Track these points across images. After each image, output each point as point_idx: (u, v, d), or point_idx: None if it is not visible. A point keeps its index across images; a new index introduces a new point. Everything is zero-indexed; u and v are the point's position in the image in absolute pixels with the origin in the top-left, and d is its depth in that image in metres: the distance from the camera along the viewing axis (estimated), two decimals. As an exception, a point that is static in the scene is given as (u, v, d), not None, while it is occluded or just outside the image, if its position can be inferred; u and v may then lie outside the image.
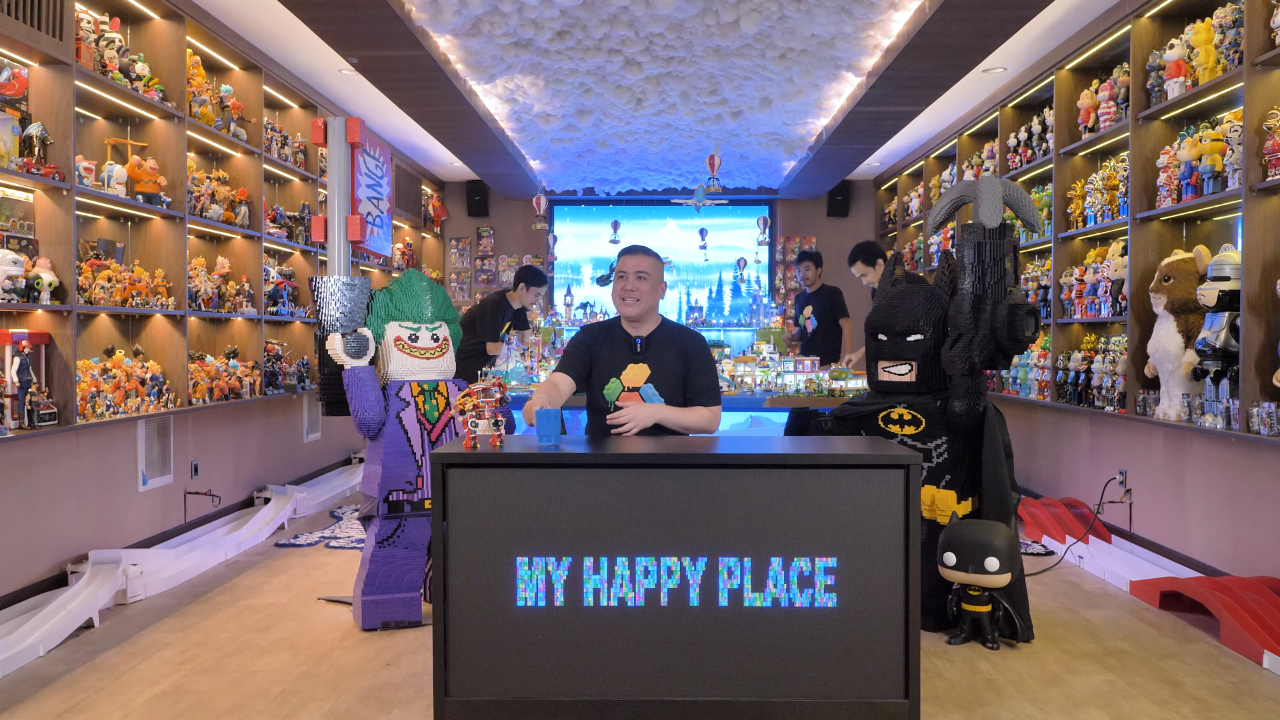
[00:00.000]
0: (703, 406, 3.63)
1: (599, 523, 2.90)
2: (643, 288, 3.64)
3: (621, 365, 3.66)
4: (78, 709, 3.07)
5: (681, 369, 3.65)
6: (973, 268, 3.87)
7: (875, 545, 2.87)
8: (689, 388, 3.66)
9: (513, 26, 5.28)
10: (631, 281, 3.65)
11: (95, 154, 4.83)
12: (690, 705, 2.87)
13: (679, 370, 3.65)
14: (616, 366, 3.65)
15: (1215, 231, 4.86)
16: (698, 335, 3.79)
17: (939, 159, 8.44)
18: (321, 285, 3.87)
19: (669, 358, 3.65)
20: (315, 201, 6.86)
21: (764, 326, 7.62)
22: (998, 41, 5.11)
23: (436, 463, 2.90)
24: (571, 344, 3.77)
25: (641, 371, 3.64)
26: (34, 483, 4.11)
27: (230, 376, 5.51)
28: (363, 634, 3.82)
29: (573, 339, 3.81)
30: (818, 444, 3.38)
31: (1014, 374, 6.38)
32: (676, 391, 3.64)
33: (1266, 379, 3.91)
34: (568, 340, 3.82)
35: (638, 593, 2.88)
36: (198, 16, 5.11)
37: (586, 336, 3.76)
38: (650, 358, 3.66)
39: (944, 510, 3.88)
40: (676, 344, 3.69)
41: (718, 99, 6.72)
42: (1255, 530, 4.13)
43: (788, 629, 2.87)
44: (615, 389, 3.63)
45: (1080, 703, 3.16)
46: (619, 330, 3.73)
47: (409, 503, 3.83)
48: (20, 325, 4.03)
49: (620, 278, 3.67)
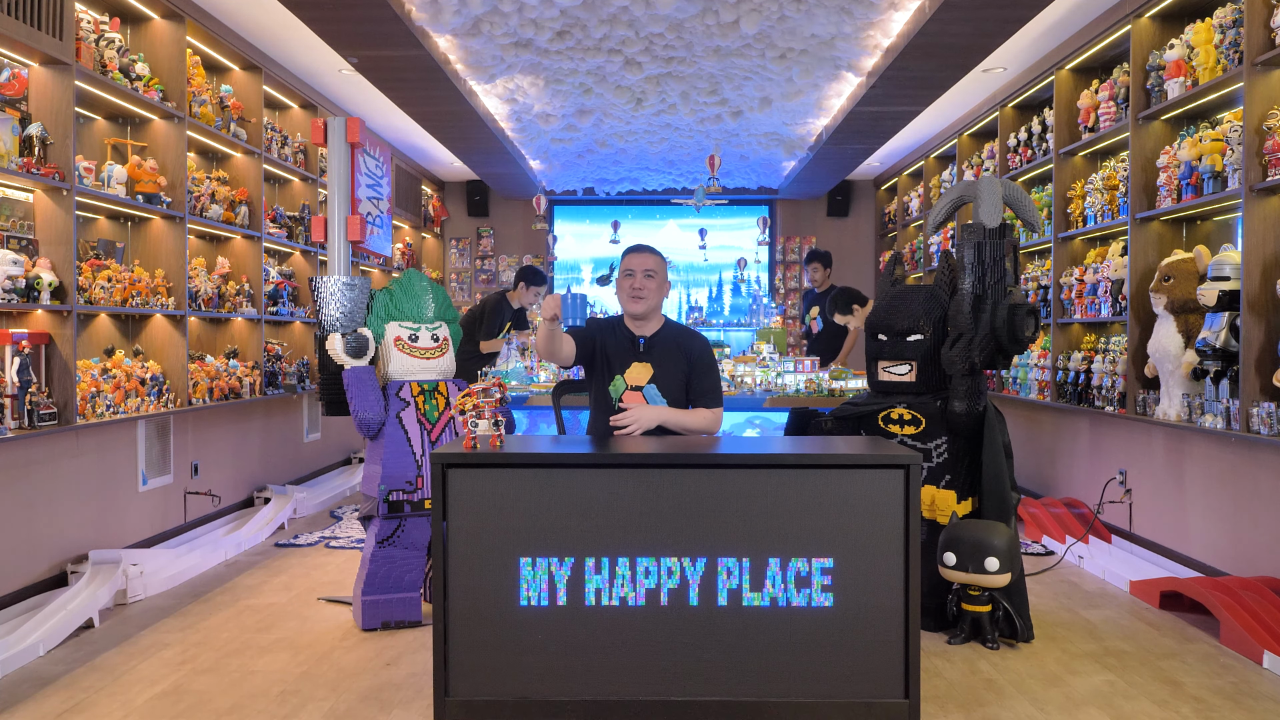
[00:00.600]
0: (705, 408, 3.64)
1: (599, 523, 2.90)
2: (650, 286, 3.65)
3: (625, 362, 3.67)
4: (78, 709, 3.07)
5: (684, 370, 3.66)
6: (973, 268, 3.87)
7: (875, 545, 2.87)
8: (691, 389, 3.67)
9: (513, 26, 5.29)
10: (639, 279, 3.65)
11: (95, 154, 4.83)
12: (690, 705, 2.87)
13: (682, 371, 3.66)
14: (621, 363, 3.67)
15: (1215, 231, 4.86)
16: (701, 336, 3.80)
17: (939, 159, 8.44)
18: (321, 285, 3.87)
19: (672, 358, 3.66)
20: (315, 201, 6.86)
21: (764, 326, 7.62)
22: (998, 41, 5.11)
23: (436, 463, 2.90)
24: (577, 328, 3.81)
25: (645, 371, 3.65)
26: (34, 483, 4.11)
27: (230, 376, 5.51)
28: (363, 634, 3.82)
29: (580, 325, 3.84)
30: (818, 444, 3.38)
31: (1014, 374, 6.38)
32: (679, 392, 3.65)
33: (1266, 379, 3.91)
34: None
35: (638, 593, 2.88)
36: (198, 16, 5.11)
37: (593, 325, 3.80)
38: (653, 358, 3.67)
39: (944, 510, 3.88)
40: (680, 345, 3.70)
41: (718, 99, 6.72)
42: (1255, 530, 4.13)
43: (788, 629, 2.87)
44: (620, 386, 3.64)
45: (1080, 703, 3.16)
46: (623, 328, 3.74)
47: (409, 503, 3.82)
48: (20, 325, 4.03)
49: (627, 275, 3.67)
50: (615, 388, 3.65)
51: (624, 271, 3.70)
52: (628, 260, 3.71)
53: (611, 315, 3.90)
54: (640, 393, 3.63)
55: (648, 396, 3.61)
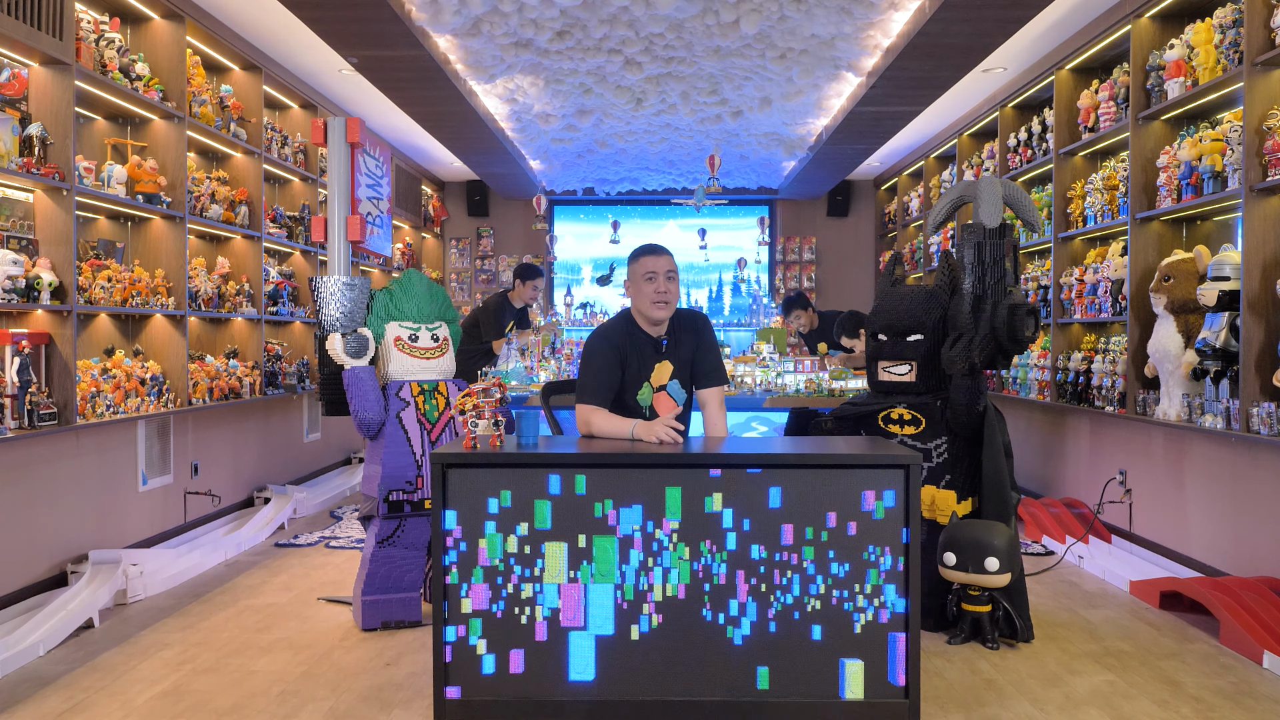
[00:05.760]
0: (717, 389, 3.64)
1: (599, 522, 2.90)
2: (673, 288, 3.51)
3: (649, 370, 3.57)
4: (78, 709, 3.07)
5: (692, 351, 3.63)
6: (973, 268, 3.87)
7: (875, 545, 2.87)
8: (698, 369, 3.64)
9: (513, 26, 5.29)
10: (663, 283, 3.48)
11: (95, 154, 4.83)
12: (690, 705, 2.87)
13: (690, 354, 3.63)
14: (645, 372, 3.56)
15: (1215, 231, 4.86)
16: (702, 315, 3.74)
17: (939, 159, 8.44)
18: (321, 285, 3.87)
19: (685, 347, 3.63)
20: (315, 201, 6.86)
21: (764, 326, 7.61)
22: (998, 41, 5.11)
23: (436, 463, 2.90)
24: (601, 364, 3.47)
25: (666, 369, 3.60)
26: (34, 483, 4.11)
27: (230, 376, 5.51)
28: (363, 634, 3.82)
29: (596, 354, 3.50)
30: (818, 444, 3.38)
31: (1014, 374, 6.38)
32: (688, 372, 3.65)
33: (1266, 379, 3.91)
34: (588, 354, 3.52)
35: (638, 592, 2.88)
36: (198, 16, 5.11)
37: (611, 351, 3.50)
38: (672, 353, 3.61)
39: (944, 510, 3.88)
40: (690, 331, 3.64)
41: (718, 99, 6.72)
42: (1255, 530, 4.13)
43: (787, 628, 2.87)
44: (648, 393, 3.57)
45: (1080, 703, 3.16)
46: (640, 333, 3.57)
47: (409, 503, 3.82)
48: (20, 325, 4.03)
49: (649, 279, 3.48)
50: (644, 397, 3.55)
51: (644, 275, 3.49)
52: (647, 262, 3.50)
53: (613, 321, 3.66)
54: (665, 392, 3.59)
55: (670, 392, 3.59)
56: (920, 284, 5.72)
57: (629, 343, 3.54)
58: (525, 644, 2.89)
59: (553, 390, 4.25)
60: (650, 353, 3.57)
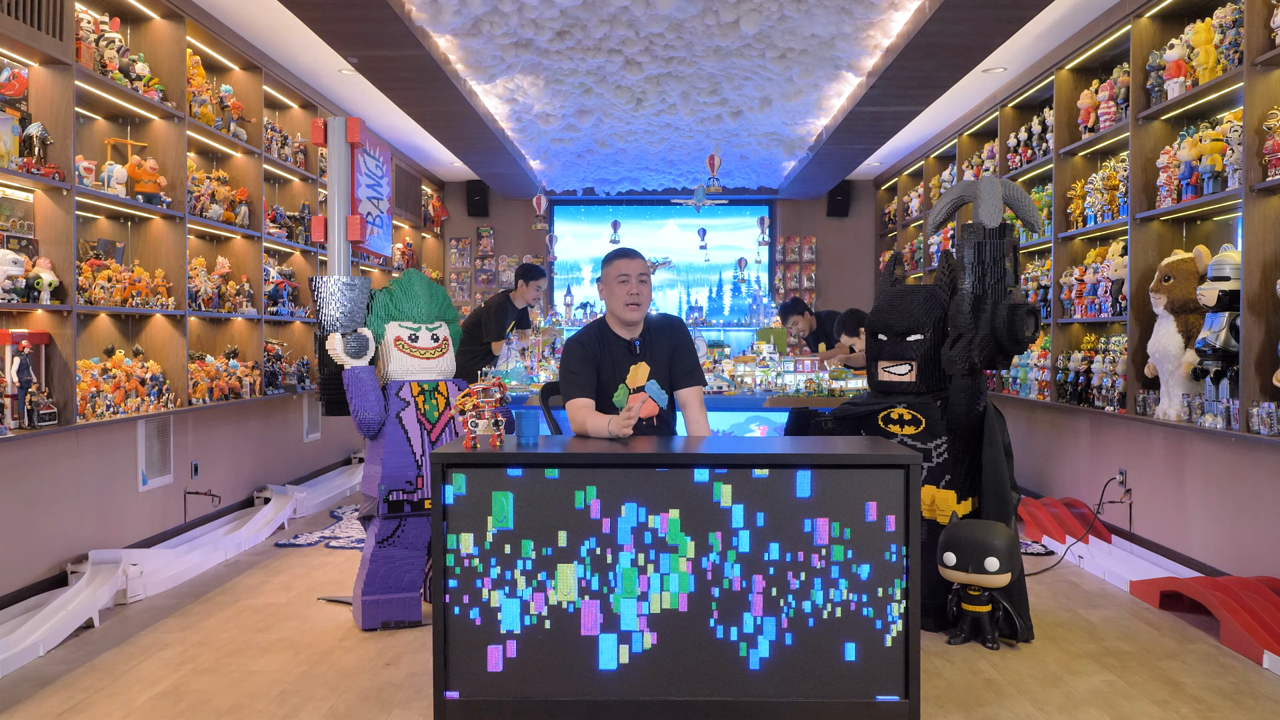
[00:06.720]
0: (695, 388, 3.73)
1: (598, 522, 2.90)
2: (646, 290, 3.65)
3: (624, 372, 3.69)
4: (78, 709, 3.07)
5: (669, 353, 3.72)
6: (973, 268, 3.87)
7: (875, 545, 2.87)
8: (675, 370, 3.72)
9: (513, 26, 5.29)
10: (635, 285, 3.62)
11: (95, 154, 4.83)
12: (690, 705, 2.87)
13: (667, 355, 3.72)
14: (620, 374, 3.68)
15: (1215, 231, 4.86)
16: (677, 319, 3.91)
17: (939, 159, 8.44)
18: (321, 285, 3.87)
19: (660, 348, 3.72)
20: (315, 201, 6.86)
21: (764, 326, 7.60)
22: (998, 41, 5.11)
23: (436, 463, 2.90)
24: (575, 363, 3.61)
25: (642, 370, 3.68)
26: (34, 483, 4.11)
27: (230, 376, 5.51)
28: (363, 634, 3.82)
29: (573, 357, 3.63)
30: (818, 444, 3.38)
31: (1014, 374, 6.38)
32: (666, 373, 3.72)
33: (1266, 379, 3.91)
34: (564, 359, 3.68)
35: (639, 592, 2.88)
36: (198, 16, 5.11)
37: (588, 354, 3.63)
38: (646, 355, 3.71)
39: (944, 510, 3.88)
40: (664, 333, 3.75)
41: (718, 99, 6.72)
42: (1255, 530, 4.13)
43: (787, 628, 2.87)
44: (623, 394, 3.64)
45: (1080, 703, 3.16)
46: (612, 337, 3.70)
47: (409, 503, 3.82)
48: (20, 325, 4.03)
49: (623, 282, 3.62)
50: (620, 397, 3.64)
51: (617, 277, 3.62)
52: (620, 265, 3.64)
53: (586, 328, 3.76)
54: (643, 392, 3.62)
55: (649, 392, 3.61)
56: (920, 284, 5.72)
57: (601, 346, 3.67)
58: (525, 644, 2.89)
59: (552, 390, 4.25)
60: (624, 355, 3.68)
